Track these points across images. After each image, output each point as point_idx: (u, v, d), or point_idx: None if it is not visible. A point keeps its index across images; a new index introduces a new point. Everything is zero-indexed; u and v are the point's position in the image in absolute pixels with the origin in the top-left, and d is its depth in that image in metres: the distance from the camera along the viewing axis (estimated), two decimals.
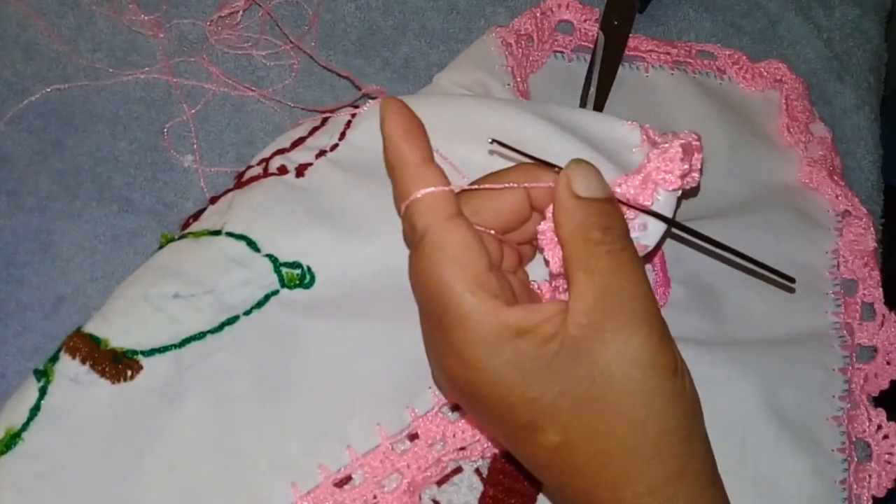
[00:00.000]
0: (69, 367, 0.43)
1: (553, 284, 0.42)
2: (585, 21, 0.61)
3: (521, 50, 0.57)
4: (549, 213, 0.39)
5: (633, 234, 0.40)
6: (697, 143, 0.44)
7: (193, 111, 0.55)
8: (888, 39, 0.70)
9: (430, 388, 0.46)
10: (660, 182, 0.42)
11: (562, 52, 0.61)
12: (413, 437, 0.46)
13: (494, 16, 0.62)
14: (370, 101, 0.52)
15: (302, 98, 0.57)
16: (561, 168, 0.38)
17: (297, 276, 0.47)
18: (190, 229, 0.49)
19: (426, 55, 0.60)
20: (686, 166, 0.42)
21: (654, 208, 0.42)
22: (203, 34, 0.57)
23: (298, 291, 0.47)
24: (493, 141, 0.40)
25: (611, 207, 0.38)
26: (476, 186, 0.40)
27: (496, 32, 0.57)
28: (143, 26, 0.57)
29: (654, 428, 0.35)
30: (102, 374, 0.43)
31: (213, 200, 0.51)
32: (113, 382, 0.43)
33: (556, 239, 0.38)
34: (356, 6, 0.60)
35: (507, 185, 0.40)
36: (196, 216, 0.50)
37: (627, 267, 0.36)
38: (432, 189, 0.37)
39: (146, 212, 0.52)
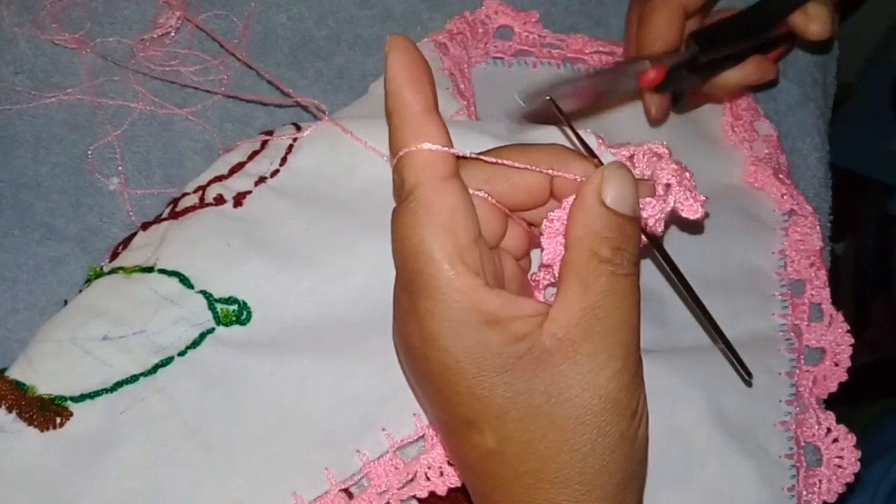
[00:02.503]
0: None
1: (534, 277, 0.40)
2: (525, 24, 0.60)
3: (456, 48, 0.56)
4: (566, 203, 0.36)
5: None
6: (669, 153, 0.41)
7: (118, 132, 0.53)
8: (842, 30, 0.69)
9: (383, 429, 0.44)
10: (686, 212, 0.39)
11: (501, 58, 0.60)
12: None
13: (431, 22, 0.61)
14: (312, 124, 0.50)
15: (232, 114, 0.55)
16: (600, 164, 0.35)
17: (232, 313, 0.45)
18: (119, 261, 0.47)
19: (361, 64, 0.59)
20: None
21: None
22: (128, 52, 0.56)
23: (235, 329, 0.45)
24: (550, 99, 0.38)
25: (631, 228, 0.35)
26: (494, 160, 0.36)
27: (428, 37, 0.56)
28: (67, 45, 0.55)
29: (594, 464, 0.34)
30: (30, 422, 0.42)
31: (146, 227, 0.49)
32: (41, 430, 0.42)
33: (562, 232, 0.36)
34: (288, 17, 0.59)
35: (528, 166, 0.37)
36: (126, 242, 0.49)
37: (624, 295, 0.34)
38: (428, 146, 0.34)
39: (70, 239, 0.50)
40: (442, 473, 0.44)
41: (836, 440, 0.50)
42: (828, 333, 0.53)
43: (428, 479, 0.44)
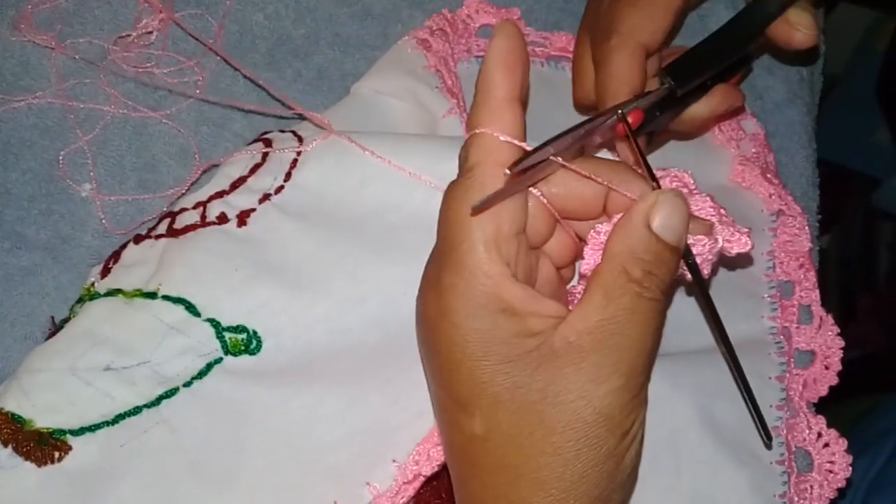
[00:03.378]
0: None
1: (573, 290, 0.40)
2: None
3: (439, 43, 0.55)
4: (615, 219, 0.37)
5: None
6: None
7: (90, 136, 0.52)
8: (828, 23, 0.68)
9: (393, 461, 0.43)
10: (731, 248, 0.39)
11: (483, 57, 0.59)
12: None
13: (412, 20, 0.59)
14: (315, 136, 0.48)
15: (208, 117, 0.54)
16: (658, 187, 0.36)
17: (242, 342, 0.43)
18: (113, 280, 0.45)
19: (340, 64, 0.57)
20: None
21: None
22: (100, 53, 0.54)
23: (244, 358, 0.43)
24: (622, 118, 0.38)
25: (669, 256, 0.35)
26: (559, 160, 0.36)
27: (409, 35, 0.54)
28: (37, 45, 0.53)
29: (574, 473, 0.33)
30: (27, 457, 0.40)
31: (138, 240, 0.46)
32: (39, 466, 0.40)
33: (604, 246, 0.36)
34: (265, 15, 0.57)
35: (588, 175, 0.37)
36: (116, 256, 0.46)
37: (644, 318, 0.34)
38: (498, 135, 0.35)
39: (41, 247, 0.49)
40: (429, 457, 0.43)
41: (826, 444, 0.49)
42: (818, 336, 0.52)
43: (416, 462, 0.43)
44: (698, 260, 0.38)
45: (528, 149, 0.35)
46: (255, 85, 0.55)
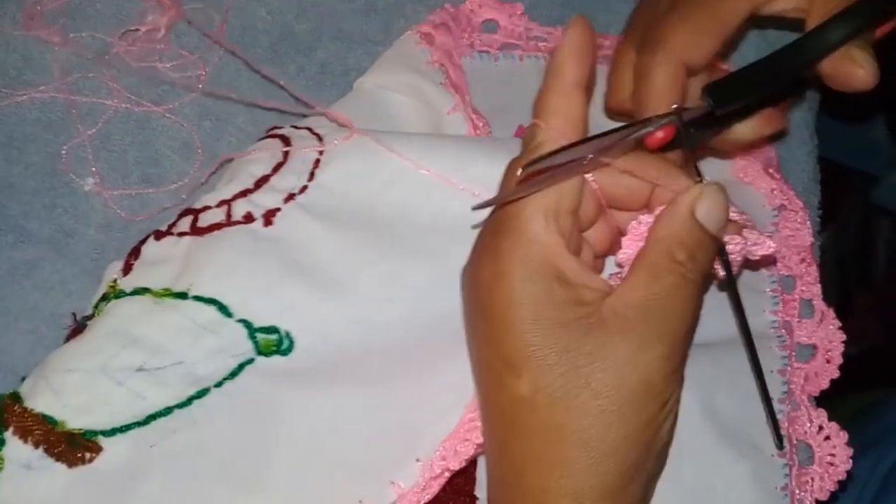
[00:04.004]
0: (21, 453, 0.40)
1: (611, 275, 0.41)
2: (510, 17, 0.59)
3: (443, 36, 0.55)
4: (657, 211, 0.38)
5: None
6: None
7: (93, 130, 0.52)
8: None
9: (417, 460, 0.43)
10: (761, 250, 0.41)
11: (487, 52, 0.59)
12: None
13: (415, 15, 0.59)
14: (337, 137, 0.48)
15: (211, 111, 0.54)
16: (702, 181, 0.38)
17: (273, 343, 0.43)
18: (137, 277, 0.44)
19: (343, 59, 0.57)
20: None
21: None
22: (103, 48, 0.54)
23: (275, 359, 0.43)
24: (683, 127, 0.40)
25: (710, 244, 0.38)
26: (609, 159, 0.38)
27: (413, 29, 0.54)
28: (39, 40, 0.53)
29: (616, 434, 0.35)
30: (58, 458, 0.40)
31: (159, 236, 0.46)
32: (70, 466, 0.40)
33: (644, 236, 0.38)
34: (267, 11, 0.57)
35: (634, 172, 0.39)
36: (136, 252, 0.46)
37: (688, 297, 0.36)
38: (562, 124, 0.37)
39: (45, 241, 0.49)
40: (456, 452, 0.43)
41: (827, 437, 0.50)
42: (819, 330, 0.52)
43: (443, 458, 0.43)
44: (730, 257, 0.40)
45: (592, 138, 0.37)
46: (258, 80, 0.55)
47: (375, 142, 0.47)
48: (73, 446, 0.40)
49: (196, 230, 0.46)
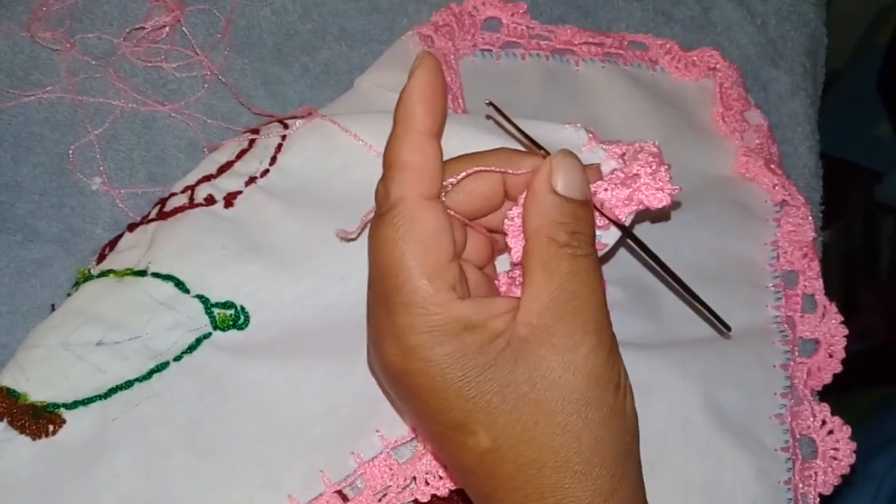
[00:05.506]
0: None
1: (510, 274, 0.40)
2: (513, 15, 0.59)
3: (442, 40, 0.55)
4: (521, 199, 0.37)
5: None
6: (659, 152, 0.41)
7: (100, 130, 0.52)
8: (829, 16, 0.69)
9: (377, 431, 0.44)
10: (649, 201, 0.39)
11: (489, 50, 0.59)
12: None
13: (418, 15, 0.60)
14: (299, 120, 0.49)
15: (216, 110, 0.54)
16: (547, 155, 0.36)
17: (230, 317, 0.44)
18: (108, 263, 0.46)
19: (347, 58, 0.58)
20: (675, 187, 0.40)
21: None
22: (109, 48, 0.54)
23: (232, 333, 0.44)
24: (490, 104, 0.38)
25: (584, 211, 0.36)
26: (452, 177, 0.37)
27: (413, 30, 0.55)
28: (46, 42, 0.54)
29: (588, 440, 0.34)
30: (22, 430, 0.41)
31: (132, 227, 0.48)
32: (34, 439, 0.41)
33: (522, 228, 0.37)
34: (272, 10, 0.58)
35: (482, 168, 0.37)
36: (112, 244, 0.48)
37: (587, 273, 0.35)
38: (418, 178, 0.35)
39: (53, 240, 0.49)
40: (441, 477, 0.44)
41: (831, 432, 0.50)
42: (821, 325, 0.52)
43: (428, 483, 0.43)
44: (607, 205, 0.39)
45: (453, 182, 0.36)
46: (263, 79, 0.55)
47: (333, 123, 0.47)
48: (36, 419, 0.41)
49: (162, 215, 0.47)
